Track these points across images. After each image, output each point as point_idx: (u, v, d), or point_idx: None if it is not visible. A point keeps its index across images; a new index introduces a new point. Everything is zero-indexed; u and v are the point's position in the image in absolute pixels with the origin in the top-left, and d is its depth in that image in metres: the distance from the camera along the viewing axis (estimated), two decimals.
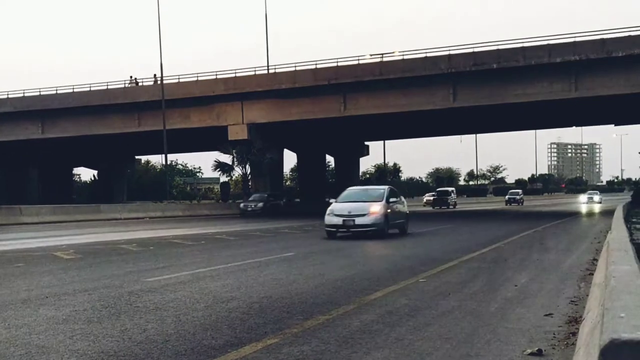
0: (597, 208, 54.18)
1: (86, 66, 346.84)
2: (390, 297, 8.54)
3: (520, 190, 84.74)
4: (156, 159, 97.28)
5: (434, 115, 48.45)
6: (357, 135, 63.81)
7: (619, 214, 17.31)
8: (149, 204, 50.14)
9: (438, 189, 75.77)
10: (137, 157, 76.46)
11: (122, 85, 52.00)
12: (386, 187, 22.83)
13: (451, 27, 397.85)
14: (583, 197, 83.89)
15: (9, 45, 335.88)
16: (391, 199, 21.49)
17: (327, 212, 21.17)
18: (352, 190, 23.58)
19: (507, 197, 77.04)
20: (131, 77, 53.78)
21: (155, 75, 52.55)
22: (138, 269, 11.98)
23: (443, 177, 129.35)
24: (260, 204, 44.40)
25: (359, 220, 20.06)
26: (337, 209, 20.95)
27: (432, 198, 70.26)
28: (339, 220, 20.42)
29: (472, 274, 10.87)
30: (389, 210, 20.74)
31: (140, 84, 52.78)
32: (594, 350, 3.02)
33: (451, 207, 64.59)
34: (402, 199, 24.10)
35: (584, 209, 53.37)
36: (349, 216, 20.25)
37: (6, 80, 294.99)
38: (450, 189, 72.87)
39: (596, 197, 76.56)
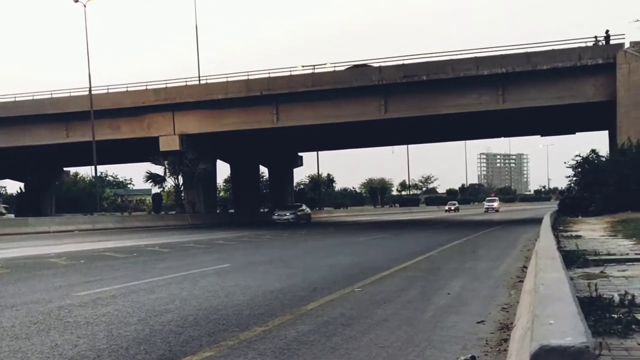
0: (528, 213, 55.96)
1: (23, 79, 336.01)
2: (327, 306, 8.57)
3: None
4: (85, 171, 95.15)
5: (366, 126, 48.89)
6: (290, 146, 63.92)
7: (546, 223, 17.79)
8: (79, 216, 49.02)
9: None
10: (65, 168, 74.46)
11: (49, 96, 50.79)
12: None
13: (382, 40, 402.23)
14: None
15: None
16: None
17: None
18: None
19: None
20: None
21: None
22: (68, 283, 11.70)
23: (376, 187, 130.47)
24: None
25: None
26: None
27: None
28: None
29: (406, 283, 11.00)
30: None
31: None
32: (525, 356, 3.09)
33: None
34: None
35: (514, 216, 54.60)
36: None
37: None
38: None
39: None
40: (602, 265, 10.30)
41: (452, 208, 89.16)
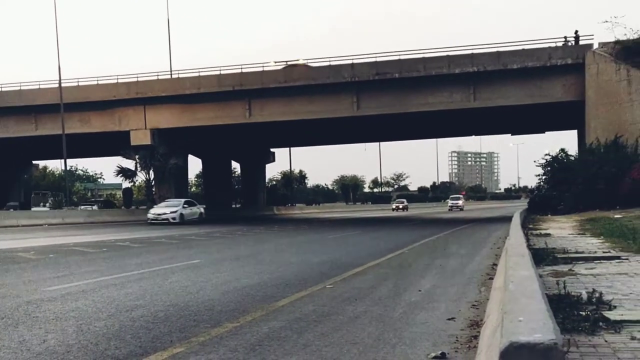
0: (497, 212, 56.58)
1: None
2: (299, 303, 8.58)
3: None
4: (55, 164, 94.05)
5: (338, 123, 48.98)
6: (262, 141, 63.80)
7: (516, 221, 17.98)
8: (48, 210, 48.47)
9: None
10: (34, 162, 73.59)
11: (18, 88, 50.08)
12: None
13: (355, 39, 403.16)
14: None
15: None
16: None
17: None
18: None
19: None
20: None
21: None
22: (37, 278, 11.57)
23: (348, 184, 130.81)
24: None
25: None
26: None
27: None
28: None
29: (378, 280, 11.03)
30: None
31: None
32: (495, 353, 3.12)
33: None
34: None
35: (485, 214, 55.07)
36: None
37: None
38: None
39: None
40: (570, 263, 10.43)
41: (400, 207, 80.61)
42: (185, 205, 42.01)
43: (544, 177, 41.31)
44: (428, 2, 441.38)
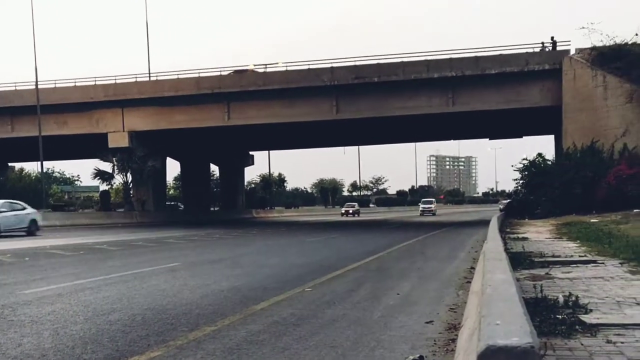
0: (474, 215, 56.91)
1: None
2: (277, 306, 8.56)
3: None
4: (31, 167, 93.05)
5: (318, 127, 49.02)
6: (242, 144, 63.67)
7: (494, 225, 18.08)
8: None
9: None
10: (10, 164, 72.75)
11: None
12: None
13: (334, 43, 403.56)
14: None
15: None
16: None
17: None
18: None
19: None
20: None
21: None
22: (13, 281, 11.46)
23: (327, 187, 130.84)
24: None
25: None
26: None
27: None
28: None
29: (357, 283, 11.04)
30: None
31: None
32: (472, 356, 3.13)
33: None
34: None
35: (463, 217, 55.30)
36: None
37: None
38: None
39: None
40: (547, 267, 10.52)
41: (350, 211, 74.30)
42: (3, 210, 29.13)
43: (521, 182, 41.53)
44: (416, 6, 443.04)
